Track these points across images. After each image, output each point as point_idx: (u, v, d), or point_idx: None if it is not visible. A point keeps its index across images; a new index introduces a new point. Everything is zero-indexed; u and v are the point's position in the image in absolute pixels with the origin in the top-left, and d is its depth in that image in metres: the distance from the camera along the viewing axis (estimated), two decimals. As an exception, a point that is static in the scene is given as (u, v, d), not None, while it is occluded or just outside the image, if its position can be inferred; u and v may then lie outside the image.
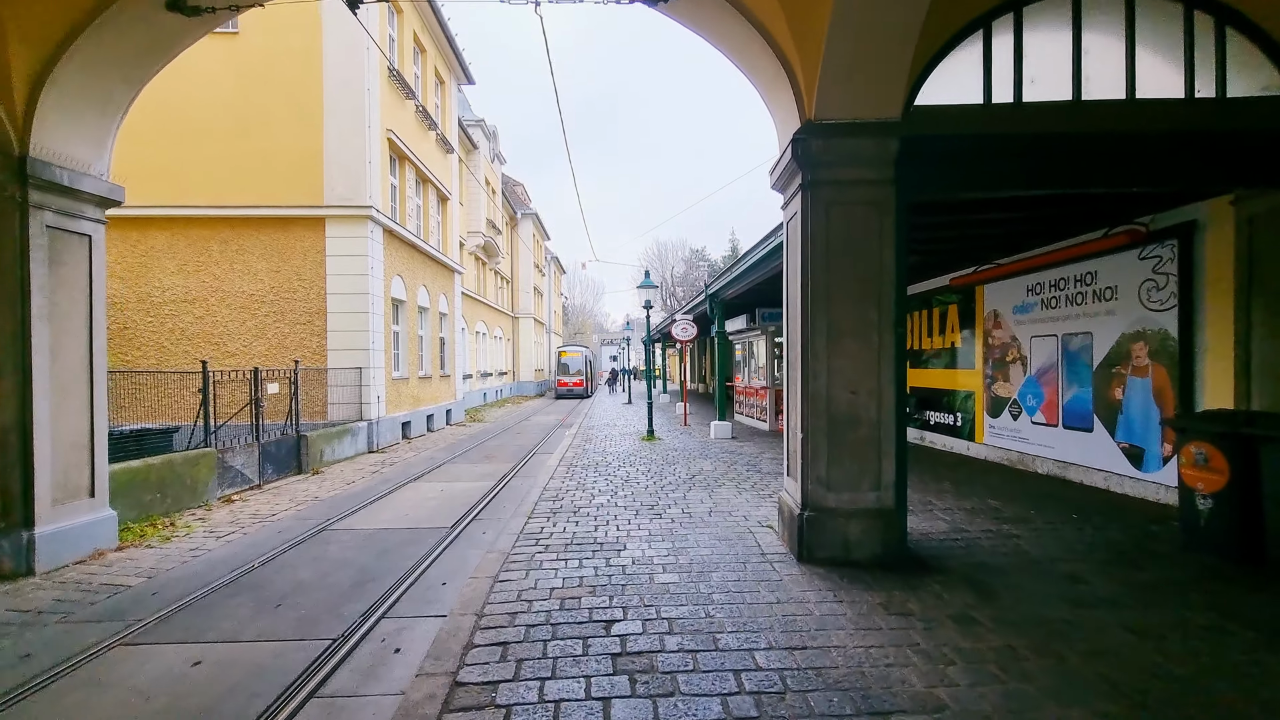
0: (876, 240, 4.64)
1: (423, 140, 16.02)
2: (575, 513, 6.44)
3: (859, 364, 4.66)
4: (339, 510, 7.33)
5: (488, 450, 12.68)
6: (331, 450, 10.95)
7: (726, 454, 10.65)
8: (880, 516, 4.64)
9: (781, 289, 5.51)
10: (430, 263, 16.60)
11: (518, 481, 9.09)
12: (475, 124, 26.27)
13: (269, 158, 12.14)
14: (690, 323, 16.17)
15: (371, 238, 12.48)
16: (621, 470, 9.08)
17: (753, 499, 6.98)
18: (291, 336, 12.27)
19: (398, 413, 13.90)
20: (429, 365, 16.56)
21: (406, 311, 14.76)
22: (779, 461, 9.69)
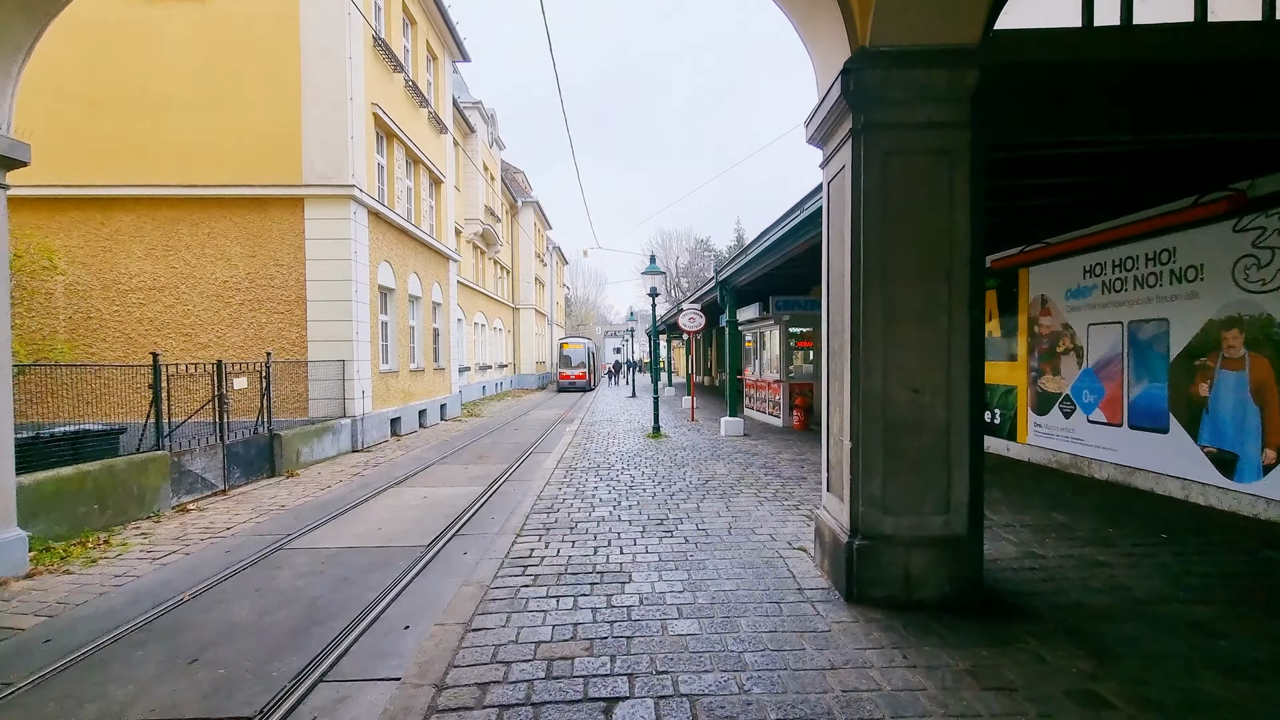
0: (946, 198, 3.68)
1: (413, 118, 15.03)
2: (572, 529, 5.53)
3: (923, 355, 3.71)
4: (305, 522, 6.44)
5: (481, 449, 11.79)
6: (310, 450, 10.07)
7: (740, 454, 9.73)
8: (949, 546, 3.70)
9: (819, 266, 4.57)
10: (422, 249, 15.66)
11: (510, 487, 8.19)
12: (472, 106, 25.23)
13: (243, 133, 11.19)
14: (698, 312, 15.21)
15: (355, 219, 11.54)
16: (625, 474, 8.17)
17: (776, 511, 6.05)
18: (269, 327, 11.37)
19: (386, 408, 13.01)
20: (421, 358, 15.65)
21: (396, 300, 13.83)
22: (800, 464, 8.76)
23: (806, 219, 6.38)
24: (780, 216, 7.57)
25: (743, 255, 10.12)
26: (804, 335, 13.94)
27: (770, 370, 14.66)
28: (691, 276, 54.75)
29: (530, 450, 11.45)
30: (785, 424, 13.52)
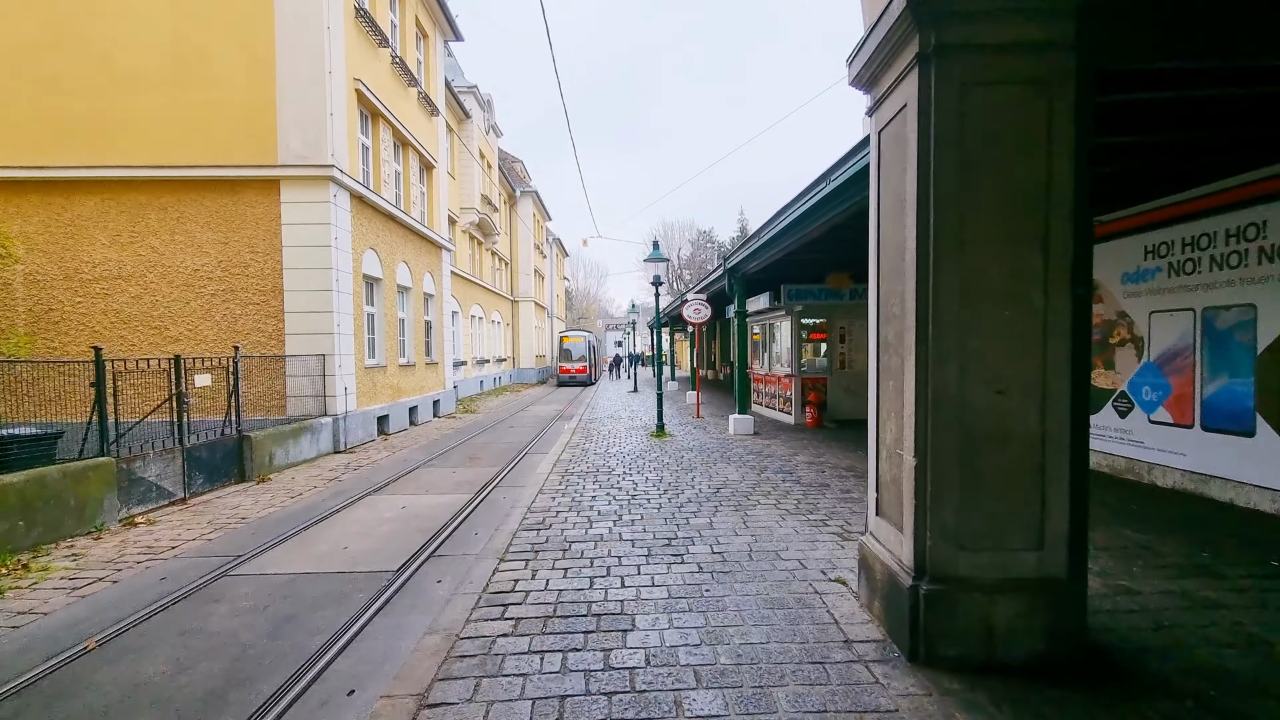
0: (1042, 141, 2.84)
1: (401, 98, 14.16)
2: (565, 551, 4.73)
3: (1011, 344, 2.88)
4: (262, 539, 5.65)
5: (473, 449, 10.99)
6: (285, 452, 9.28)
7: (752, 455, 8.91)
8: (1044, 590, 2.89)
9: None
10: (412, 237, 14.82)
11: (500, 494, 7.39)
12: (467, 90, 24.31)
13: (214, 110, 10.35)
14: (703, 303, 14.37)
15: (335, 203, 10.70)
16: (627, 480, 7.36)
17: (802, 528, 5.24)
18: (244, 319, 10.56)
19: (372, 406, 12.22)
20: (411, 352, 14.85)
21: (383, 291, 13.01)
22: (819, 468, 7.94)
23: (844, 185, 5.51)
24: (805, 189, 6.71)
25: (754, 239, 9.26)
26: (817, 327, 13.09)
27: (781, 364, 13.82)
28: (694, 268, 53.80)
29: (525, 451, 10.64)
30: (797, 421, 12.70)
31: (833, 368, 12.97)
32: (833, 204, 6.19)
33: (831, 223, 6.95)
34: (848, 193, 5.67)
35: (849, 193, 5.64)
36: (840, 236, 8.69)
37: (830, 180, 5.88)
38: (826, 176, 5.96)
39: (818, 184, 6.25)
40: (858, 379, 12.94)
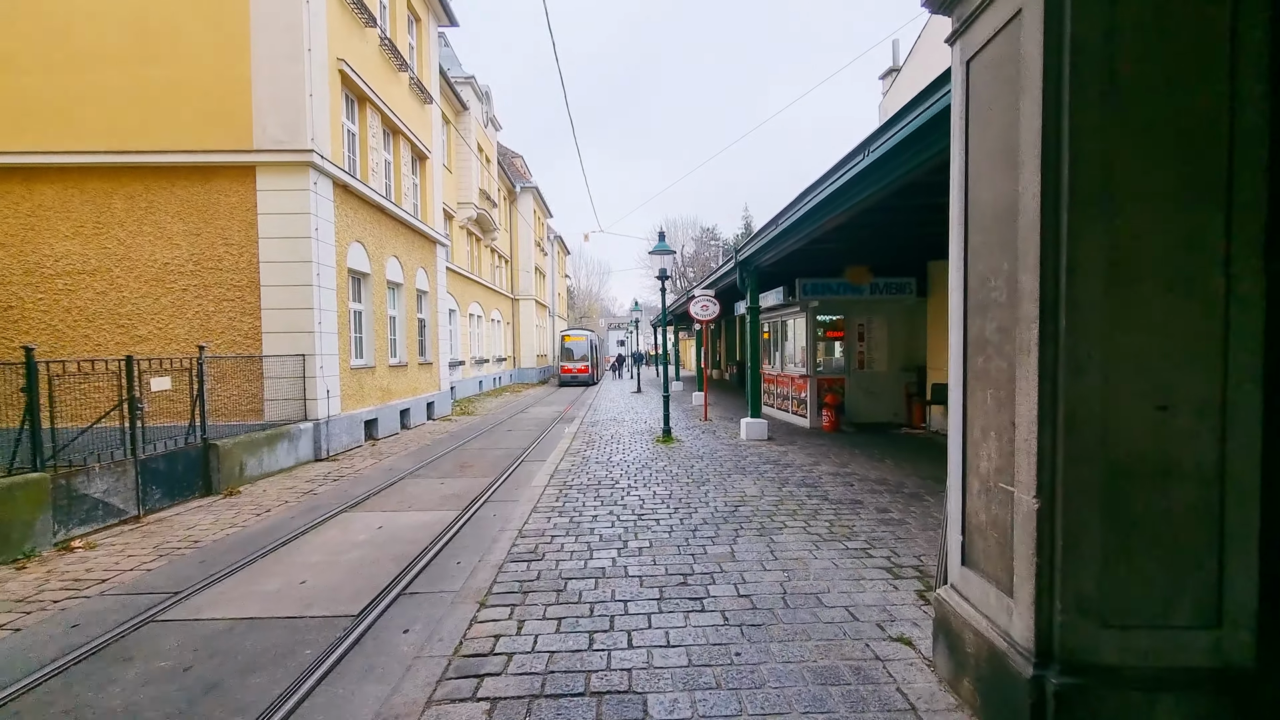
0: (1222, 57, 2.02)
1: (391, 82, 13.36)
2: (559, 592, 3.92)
3: (1177, 343, 2.07)
4: (211, 569, 4.86)
5: (466, 456, 10.20)
6: (258, 462, 8.49)
7: (770, 465, 8.09)
8: (1223, 685, 2.07)
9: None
10: (404, 230, 14.03)
11: (490, 511, 6.59)
12: (465, 81, 23.51)
13: (183, 89, 9.56)
14: (711, 299, 13.55)
15: (315, 191, 9.91)
16: (633, 495, 6.55)
17: (842, 560, 4.42)
18: (218, 316, 9.78)
19: (359, 409, 11.43)
20: (403, 351, 14.06)
21: (371, 287, 12.22)
22: (846, 480, 7.12)
23: (891, 153, 4.64)
24: (835, 166, 5.88)
25: (771, 227, 8.43)
26: (833, 324, 12.26)
27: (795, 364, 12.99)
28: (698, 266, 52.98)
29: (521, 458, 9.84)
30: (813, 425, 11.87)
31: (851, 368, 12.14)
32: (871, 180, 5.35)
33: (865, 204, 6.13)
34: (893, 163, 4.83)
35: (895, 163, 4.81)
36: (870, 223, 7.87)
37: (870, 151, 5.05)
38: (865, 147, 5.13)
39: (852, 157, 5.42)
40: (878, 380, 12.12)
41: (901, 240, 9.96)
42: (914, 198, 6.43)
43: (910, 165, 4.72)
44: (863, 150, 5.15)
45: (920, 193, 6.26)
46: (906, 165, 4.84)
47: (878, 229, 8.75)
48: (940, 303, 11.03)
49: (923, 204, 6.96)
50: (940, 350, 10.94)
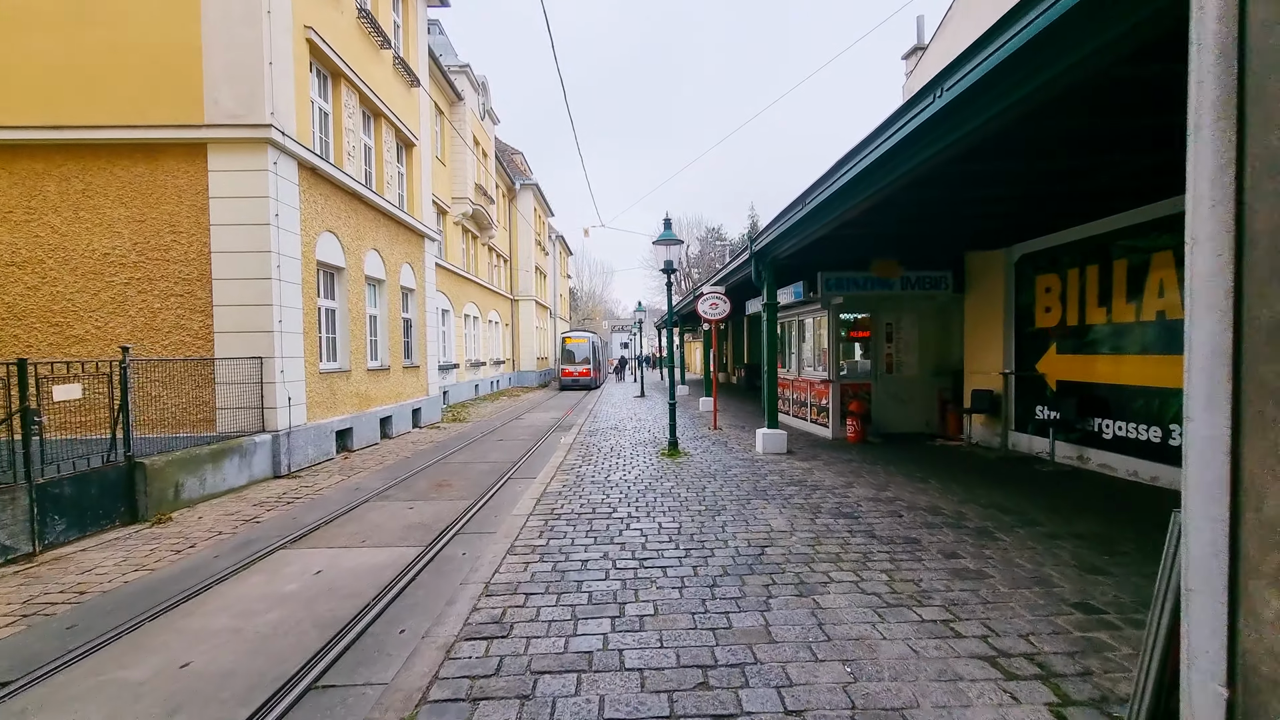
0: None
1: (371, 60, 12.23)
2: (524, 700, 2.72)
3: None
4: (72, 642, 3.67)
5: (446, 472, 9.01)
6: (199, 482, 7.32)
7: (794, 486, 6.88)
8: None
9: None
10: (387, 222, 12.88)
11: (458, 548, 5.39)
12: (459, 70, 22.42)
13: (124, 55, 8.43)
14: (721, 297, 12.36)
15: (276, 172, 8.76)
16: (633, 529, 5.34)
17: (921, 640, 3.20)
18: (164, 314, 8.62)
19: (330, 418, 10.26)
20: (385, 354, 12.90)
21: (346, 282, 11.06)
22: (891, 508, 5.89)
23: (972, 89, 3.42)
24: (883, 124, 4.67)
25: (796, 209, 7.20)
26: (858, 323, 11.04)
27: (814, 367, 11.77)
28: (703, 267, 51.77)
29: (508, 475, 8.65)
30: (836, 435, 10.64)
31: (878, 372, 10.91)
32: (937, 135, 4.14)
33: (913, 175, 4.95)
34: (975, 108, 3.62)
35: (977, 107, 3.59)
36: (917, 200, 6.66)
37: (940, 93, 3.84)
38: (934, 87, 3.92)
39: (910, 109, 4.21)
40: (908, 386, 10.89)
41: (935, 229, 8.75)
42: (976, 162, 5.24)
43: (988, 111, 3.51)
44: (931, 91, 3.94)
45: (983, 158, 5.07)
46: (985, 112, 3.63)
47: (909, 218, 7.56)
48: (980, 299, 9.80)
49: (977, 176, 5.77)
50: (981, 352, 9.70)
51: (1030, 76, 3.23)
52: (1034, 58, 3.13)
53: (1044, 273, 8.44)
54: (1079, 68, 2.96)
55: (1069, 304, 7.91)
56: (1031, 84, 3.25)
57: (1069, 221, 7.81)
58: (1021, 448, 8.90)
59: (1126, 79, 3.81)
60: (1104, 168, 5.71)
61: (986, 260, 9.65)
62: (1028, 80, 3.26)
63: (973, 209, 7.35)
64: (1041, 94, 3.29)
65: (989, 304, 9.56)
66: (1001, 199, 6.83)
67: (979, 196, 6.68)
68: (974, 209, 7.33)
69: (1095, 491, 6.53)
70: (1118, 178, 6.03)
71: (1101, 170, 5.77)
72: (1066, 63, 2.98)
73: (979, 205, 7.09)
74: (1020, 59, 3.18)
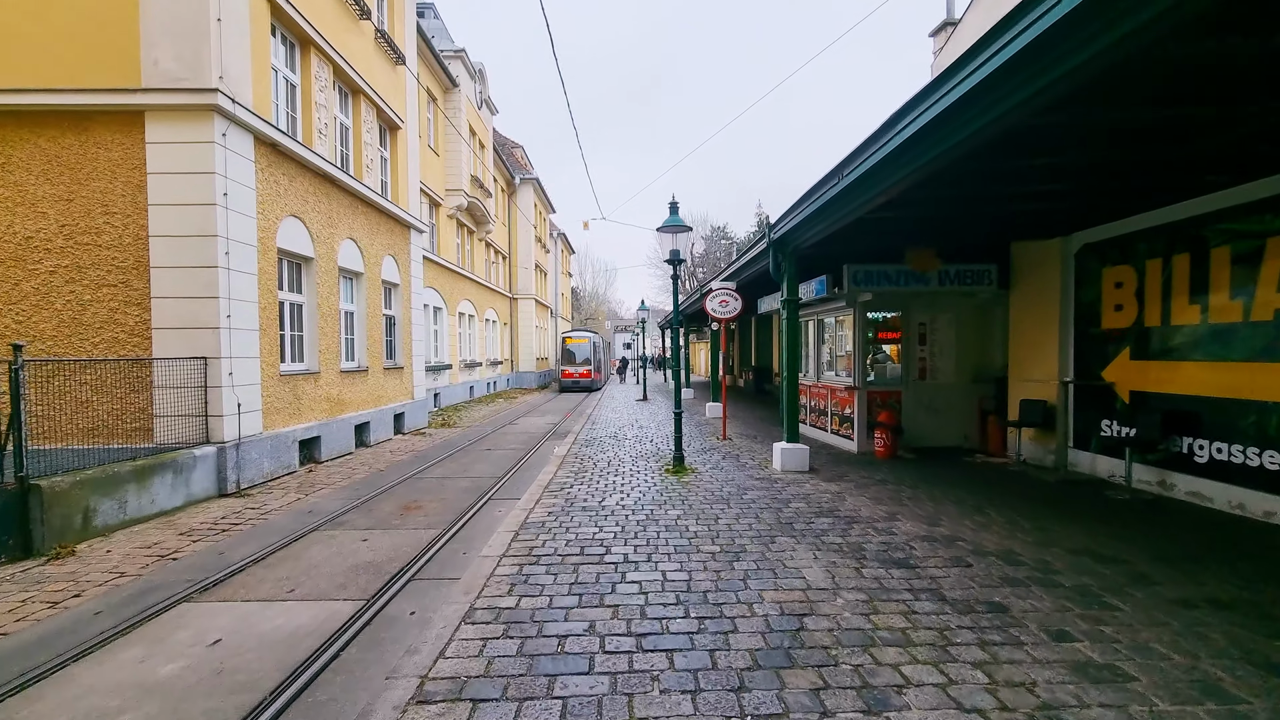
0: None
1: (348, 30, 11.10)
2: None
3: None
4: None
5: (418, 490, 7.85)
6: (118, 505, 6.18)
7: (826, 518, 5.69)
8: None
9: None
10: (366, 210, 11.74)
11: (406, 604, 4.23)
12: (454, 55, 21.29)
13: (47, 7, 7.32)
14: (732, 294, 11.22)
15: (225, 145, 7.62)
16: (630, 582, 4.16)
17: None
18: (95, 307, 7.50)
19: (293, 425, 9.11)
20: (362, 354, 11.76)
21: (315, 274, 9.92)
22: (953, 551, 4.69)
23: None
24: (948, 70, 3.49)
25: (833, 180, 5.97)
26: (887, 324, 9.84)
27: (837, 372, 10.58)
28: (708, 266, 50.58)
29: (489, 494, 7.49)
30: (862, 449, 9.45)
31: (909, 378, 9.71)
32: (1023, 78, 2.97)
33: (984, 134, 3.81)
34: (1078, 38, 2.44)
35: (1082, 36, 2.42)
36: (961, 178, 5.48)
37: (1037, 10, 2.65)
38: (1014, 21, 2.73)
39: (999, 37, 3.03)
40: (943, 394, 9.69)
41: (976, 217, 7.59)
42: (1052, 117, 4.07)
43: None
44: (1018, 22, 2.75)
45: (1059, 115, 3.92)
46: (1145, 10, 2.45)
47: (951, 198, 6.38)
48: (1030, 296, 8.59)
49: (1039, 142, 4.60)
50: (1030, 357, 8.50)
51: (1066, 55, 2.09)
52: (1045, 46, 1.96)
53: (1114, 265, 7.23)
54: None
55: (1148, 301, 6.70)
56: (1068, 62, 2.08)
57: (1143, 204, 6.61)
58: (1082, 468, 7.69)
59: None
60: (1216, 128, 4.51)
61: (1038, 251, 8.45)
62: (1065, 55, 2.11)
63: (1024, 187, 6.15)
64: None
65: (1041, 302, 8.35)
66: (1065, 172, 5.63)
67: (1035, 170, 5.49)
68: (1026, 187, 6.12)
69: (1198, 530, 5.33)
70: (1224, 145, 4.84)
71: (1218, 130, 4.57)
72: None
73: (1034, 181, 5.87)
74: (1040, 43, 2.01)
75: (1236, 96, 4.00)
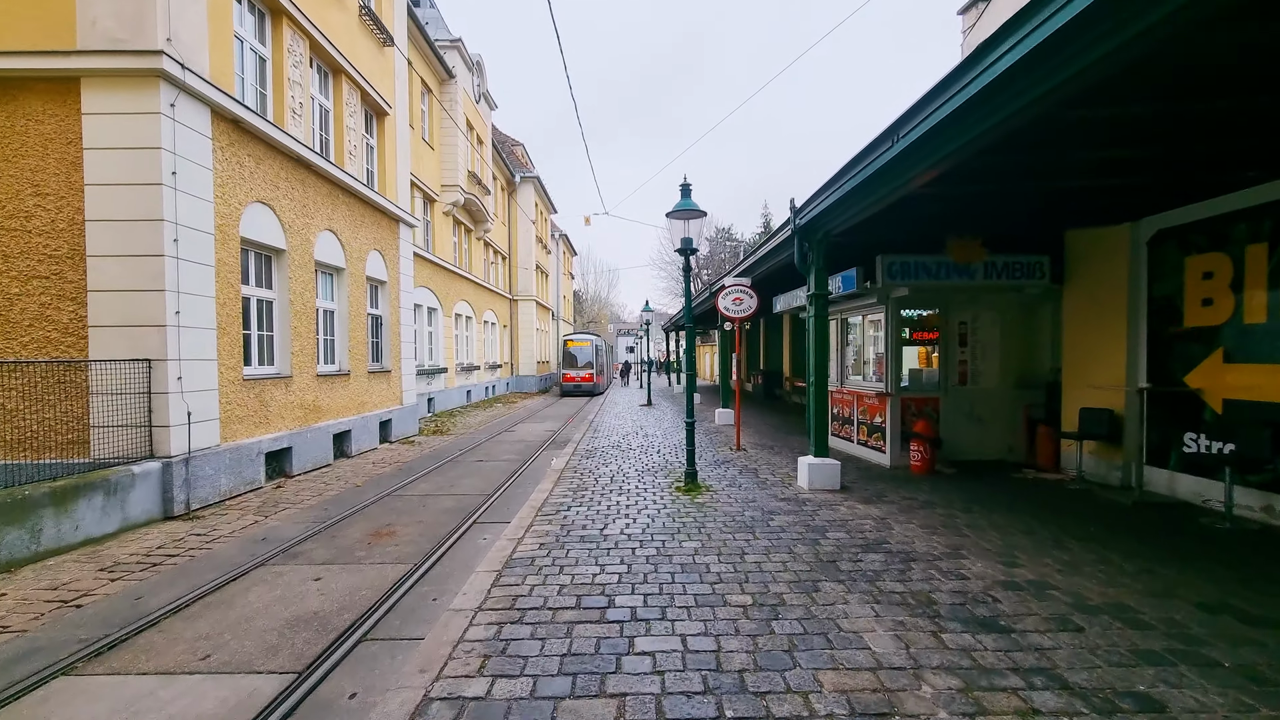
0: None
1: (328, 4, 10.16)
2: None
3: None
4: None
5: (394, 511, 6.86)
6: (29, 535, 5.19)
7: (875, 555, 4.68)
8: None
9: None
10: (348, 200, 10.79)
11: (344, 686, 3.23)
12: (450, 44, 20.39)
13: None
14: (746, 290, 10.23)
15: (174, 117, 6.68)
16: (639, 656, 3.14)
17: None
18: (24, 301, 6.54)
19: (258, 436, 8.14)
20: (343, 356, 10.79)
21: (287, 268, 8.96)
22: (1051, 607, 3.65)
23: None
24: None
25: (885, 143, 4.97)
26: (923, 322, 8.82)
27: (864, 376, 9.56)
28: (712, 269, 49.48)
29: (475, 516, 6.49)
30: (895, 463, 8.42)
31: (948, 383, 8.68)
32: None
33: (1089, 76, 2.85)
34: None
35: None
36: (1036, 142, 4.49)
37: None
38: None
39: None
40: (986, 400, 8.67)
41: (1025, 200, 6.61)
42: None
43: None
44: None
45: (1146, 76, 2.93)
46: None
47: (1007, 170, 5.40)
48: (1089, 290, 7.58)
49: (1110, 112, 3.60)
50: (1090, 359, 7.48)
51: None
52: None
53: (1200, 252, 6.21)
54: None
55: (1249, 293, 5.67)
56: None
57: (1233, 183, 5.60)
58: (1159, 488, 6.65)
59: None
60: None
61: (1100, 240, 7.43)
62: None
63: (1087, 160, 5.16)
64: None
65: (1104, 297, 7.34)
66: (1142, 140, 4.65)
67: (1112, 132, 4.50)
68: (1091, 158, 5.12)
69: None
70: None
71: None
72: None
73: (1101, 148, 4.88)
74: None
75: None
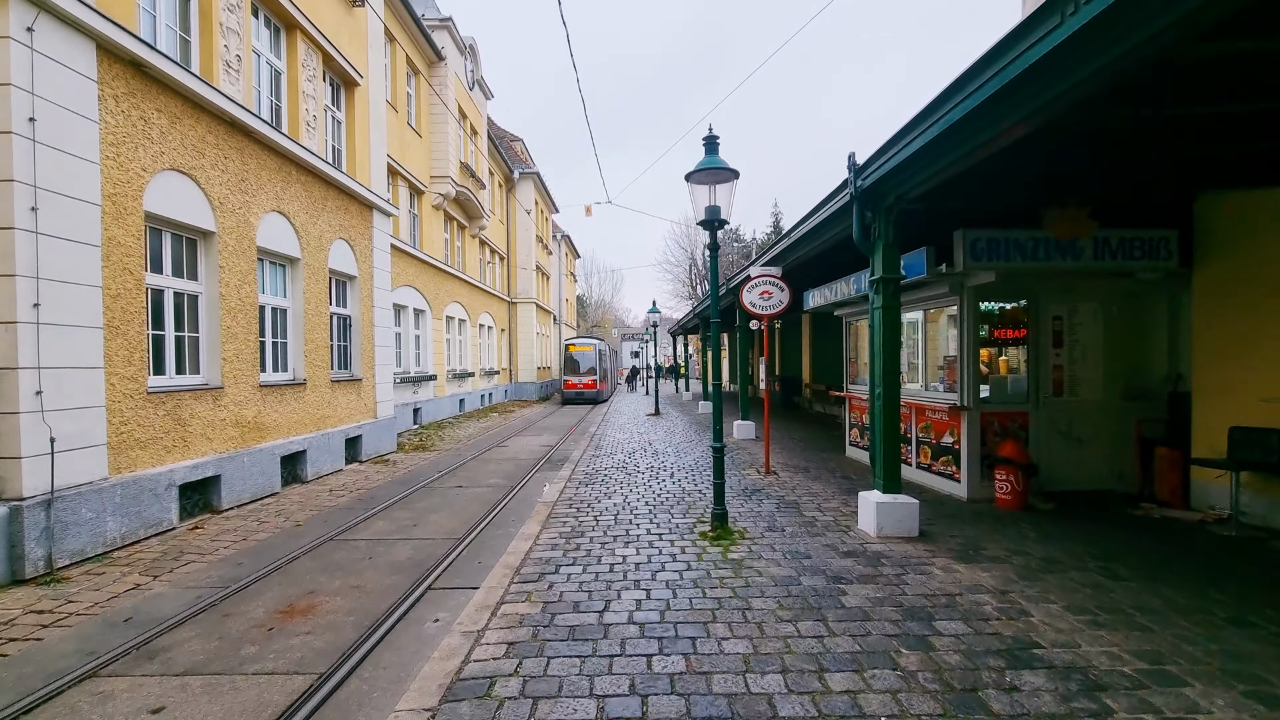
0: None
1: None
2: None
3: None
4: None
5: (327, 568, 5.14)
6: None
7: (1026, 670, 2.92)
8: None
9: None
10: (303, 177, 9.13)
11: None
12: (440, 24, 18.83)
13: None
14: (776, 282, 8.57)
15: (33, 46, 5.02)
16: None
17: None
18: None
19: (171, 464, 6.44)
20: (297, 362, 9.10)
21: (216, 255, 7.29)
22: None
23: None
24: None
25: (961, 93, 3.24)
26: (1007, 317, 7.06)
27: (930, 384, 7.80)
28: (721, 268, 47.84)
29: (432, 576, 4.74)
30: (974, 495, 6.66)
31: (1039, 394, 6.92)
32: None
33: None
34: None
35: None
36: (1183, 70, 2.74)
37: None
38: None
39: None
40: (1086, 415, 6.89)
41: (1141, 163, 4.89)
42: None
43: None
44: None
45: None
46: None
47: (1129, 115, 3.67)
48: (1235, 273, 5.82)
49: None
50: (1237, 364, 5.69)
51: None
52: None
53: None
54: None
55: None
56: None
57: None
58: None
59: None
60: None
61: (1246, 207, 5.68)
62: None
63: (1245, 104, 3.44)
64: None
65: (1260, 282, 5.58)
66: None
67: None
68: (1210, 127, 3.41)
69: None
70: None
71: None
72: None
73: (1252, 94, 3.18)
74: None
75: None
